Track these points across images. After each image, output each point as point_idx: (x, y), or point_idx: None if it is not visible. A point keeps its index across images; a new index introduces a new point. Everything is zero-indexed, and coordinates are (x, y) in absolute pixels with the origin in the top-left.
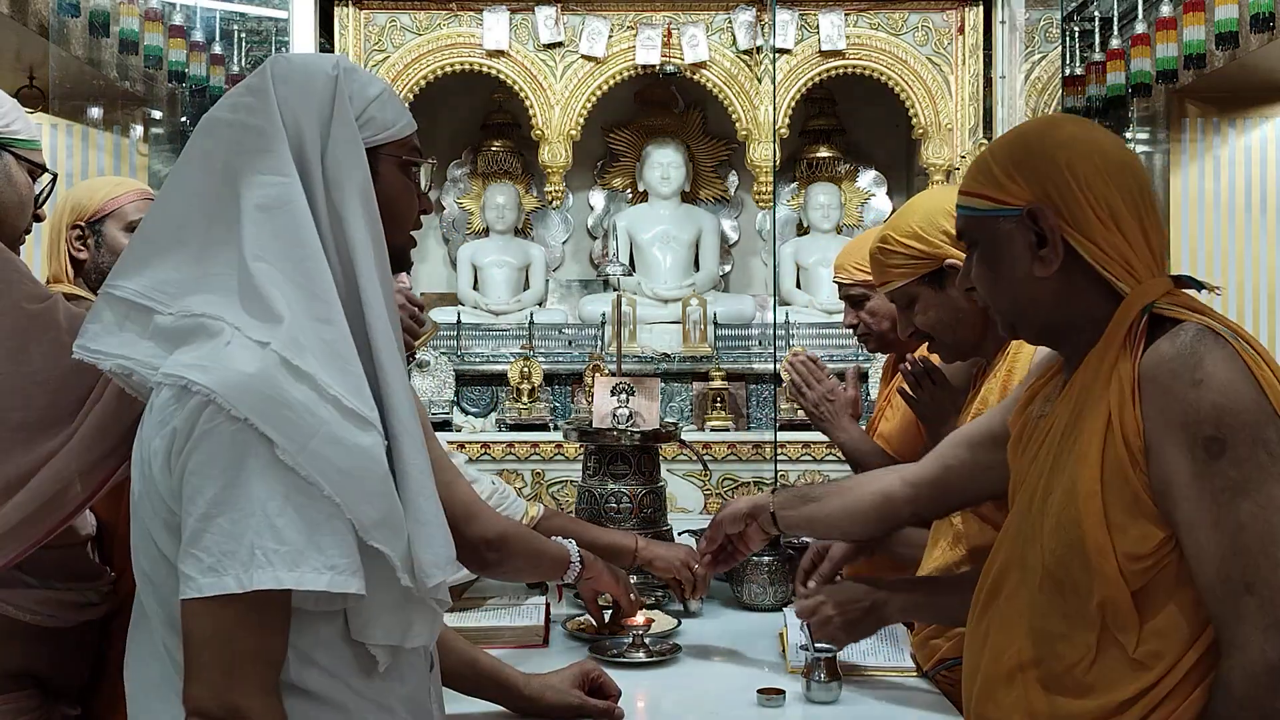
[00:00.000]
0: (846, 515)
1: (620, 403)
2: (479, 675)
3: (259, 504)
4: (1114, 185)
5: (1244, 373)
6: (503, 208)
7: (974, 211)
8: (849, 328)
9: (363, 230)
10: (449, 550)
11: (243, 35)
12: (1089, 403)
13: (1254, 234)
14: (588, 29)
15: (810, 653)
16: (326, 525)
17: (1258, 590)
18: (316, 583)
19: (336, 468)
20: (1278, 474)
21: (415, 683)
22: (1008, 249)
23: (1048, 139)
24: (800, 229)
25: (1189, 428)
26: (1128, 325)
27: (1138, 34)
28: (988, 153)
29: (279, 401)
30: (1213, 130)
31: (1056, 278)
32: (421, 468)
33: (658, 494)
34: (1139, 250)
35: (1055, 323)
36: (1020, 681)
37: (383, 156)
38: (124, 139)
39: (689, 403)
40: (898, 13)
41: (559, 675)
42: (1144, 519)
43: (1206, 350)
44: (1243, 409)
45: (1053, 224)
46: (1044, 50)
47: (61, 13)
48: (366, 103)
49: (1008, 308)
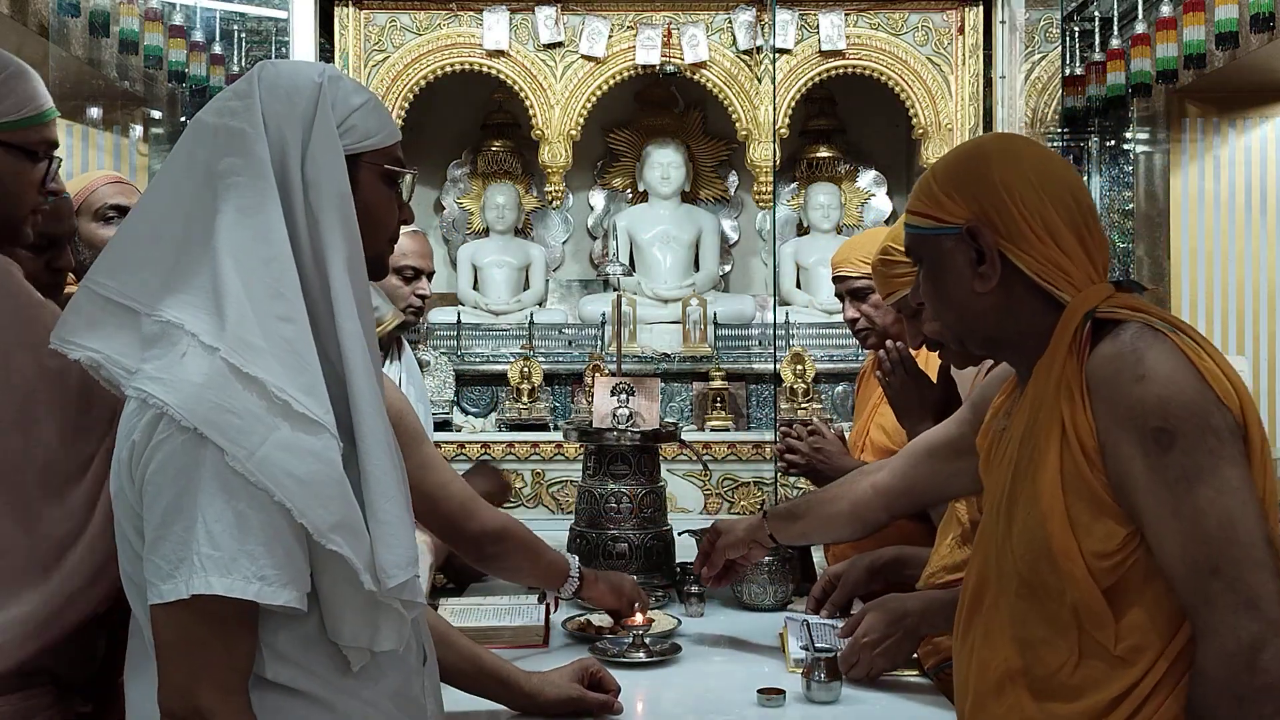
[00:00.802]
0: (830, 527)
1: (620, 403)
2: (481, 673)
3: (202, 510)
4: (1048, 200)
5: (1185, 365)
6: (503, 208)
7: (918, 230)
8: (849, 323)
9: (337, 235)
10: (410, 551)
11: (243, 35)
12: (1042, 410)
13: (1254, 234)
14: (588, 29)
15: (810, 653)
16: (264, 533)
17: (1223, 573)
18: (245, 591)
19: (287, 472)
20: (1228, 457)
21: (401, 678)
22: (950, 266)
23: (983, 158)
24: (800, 229)
25: (1137, 422)
26: (1072, 332)
27: (1138, 34)
28: (930, 172)
29: (227, 409)
30: (1213, 130)
31: (997, 292)
32: (384, 468)
33: (658, 494)
34: (1078, 261)
35: (1000, 336)
36: (1010, 691)
37: (363, 165)
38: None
39: (689, 403)
40: (898, 13)
41: (559, 671)
42: (1106, 517)
43: (1147, 346)
44: (1187, 399)
45: (990, 241)
46: (1044, 50)
47: (61, 13)
48: (349, 111)
49: (953, 322)
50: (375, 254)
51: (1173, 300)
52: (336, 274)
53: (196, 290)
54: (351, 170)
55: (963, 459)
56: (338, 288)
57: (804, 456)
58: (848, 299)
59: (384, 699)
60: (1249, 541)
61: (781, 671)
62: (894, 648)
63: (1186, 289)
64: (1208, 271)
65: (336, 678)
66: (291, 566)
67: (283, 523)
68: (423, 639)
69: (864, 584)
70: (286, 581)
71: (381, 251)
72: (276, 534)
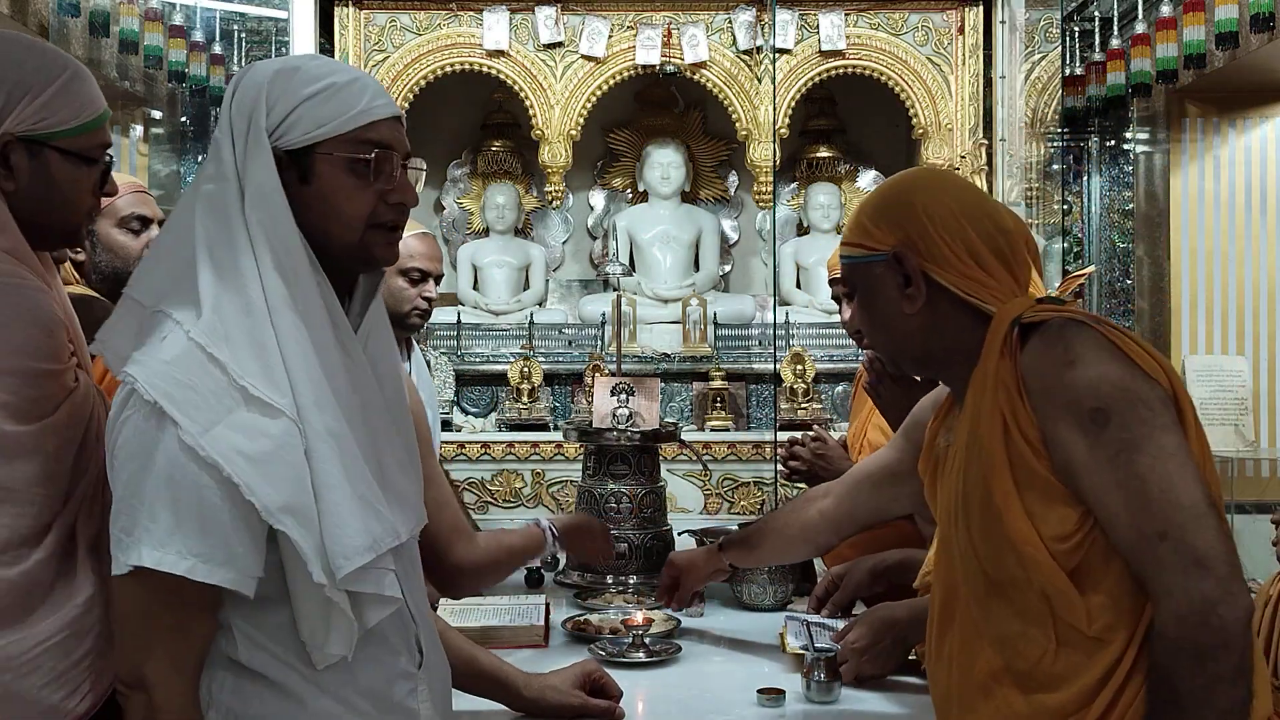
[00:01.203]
0: (785, 551)
1: (620, 403)
2: (479, 675)
3: (151, 485)
4: (969, 225)
5: (1110, 348)
6: (503, 208)
7: (850, 259)
8: (846, 324)
9: (261, 232)
10: (364, 538)
11: (242, 35)
12: (983, 414)
13: (1254, 234)
14: (588, 29)
15: (810, 653)
16: (206, 511)
17: (1170, 536)
18: (176, 566)
19: (238, 450)
20: (1162, 425)
21: (383, 680)
22: (880, 291)
23: (906, 189)
24: (800, 229)
25: (1073, 406)
26: (1002, 337)
27: (1138, 34)
28: (860, 206)
29: (187, 386)
30: (1213, 130)
31: (924, 312)
32: (328, 459)
33: (658, 494)
34: (1000, 279)
35: (931, 353)
36: (997, 691)
37: (317, 156)
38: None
39: (689, 403)
40: (898, 13)
41: (560, 676)
42: (1058, 503)
43: (1073, 335)
44: (1116, 377)
45: (914, 264)
46: (1044, 50)
47: (61, 13)
48: (295, 103)
49: (886, 344)
50: (341, 245)
51: (1173, 300)
52: (265, 270)
53: (187, 287)
54: (305, 162)
55: (901, 484)
56: (268, 284)
57: (805, 462)
58: (845, 300)
59: (356, 695)
60: (1191, 503)
61: (781, 671)
62: (882, 654)
63: (1186, 289)
64: (1208, 271)
65: (309, 671)
66: (232, 547)
67: (228, 502)
68: (421, 641)
69: (866, 586)
70: (223, 561)
71: (351, 241)
72: (219, 513)
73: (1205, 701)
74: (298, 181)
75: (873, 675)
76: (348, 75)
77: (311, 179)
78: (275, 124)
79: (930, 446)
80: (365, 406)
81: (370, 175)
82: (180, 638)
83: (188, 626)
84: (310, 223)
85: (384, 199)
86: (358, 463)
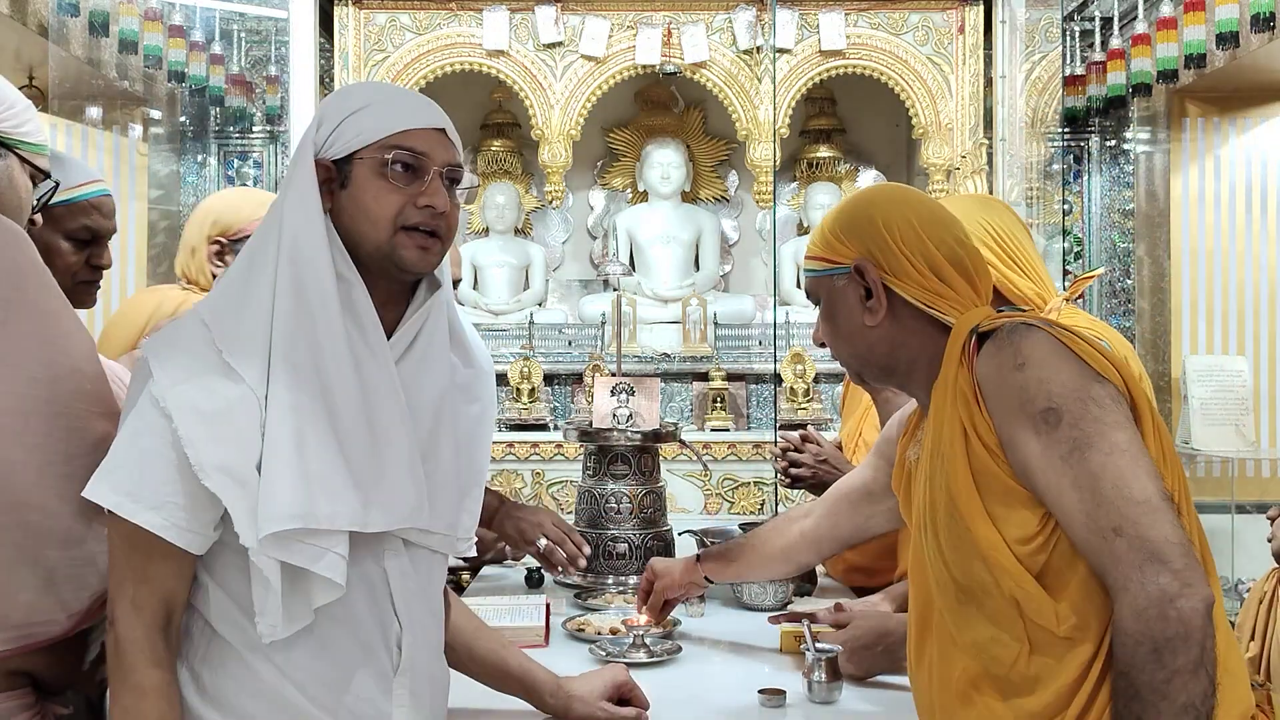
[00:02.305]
0: (764, 568)
1: (620, 403)
2: (507, 675)
3: (124, 427)
4: (928, 238)
5: (1059, 348)
6: (503, 207)
7: (814, 272)
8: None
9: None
10: (293, 507)
11: (242, 35)
12: (944, 422)
13: (1254, 234)
14: (588, 29)
15: (810, 653)
16: (150, 457)
17: (1125, 531)
18: (106, 500)
19: (194, 406)
20: (1113, 422)
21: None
22: (842, 303)
23: (869, 204)
24: (800, 229)
25: (1025, 407)
26: (960, 347)
27: (1138, 34)
28: (825, 219)
29: (172, 345)
30: (1213, 130)
31: (886, 324)
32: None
33: (658, 494)
34: (961, 291)
35: (893, 364)
36: (977, 698)
37: (356, 162)
38: (123, 139)
39: (689, 403)
40: (898, 12)
41: (588, 684)
42: (1019, 506)
43: (1021, 338)
44: (1065, 377)
45: (874, 277)
46: (1044, 50)
47: (61, 13)
48: (343, 116)
49: (848, 355)
50: (373, 246)
51: (1173, 300)
52: (282, 257)
53: None
54: (346, 169)
55: (877, 502)
56: (281, 269)
57: (809, 468)
58: None
59: (313, 683)
60: (1144, 497)
61: (781, 671)
62: (868, 660)
63: (1187, 289)
64: (1208, 271)
65: (263, 644)
66: (165, 495)
67: (174, 452)
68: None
69: None
70: (152, 505)
71: (380, 243)
72: (161, 460)
73: (1165, 694)
74: (339, 187)
75: (854, 676)
76: (393, 92)
77: (349, 183)
78: (325, 138)
79: (901, 461)
80: (370, 400)
81: (399, 179)
82: (141, 580)
83: (146, 571)
84: (344, 225)
85: (413, 202)
86: (323, 442)
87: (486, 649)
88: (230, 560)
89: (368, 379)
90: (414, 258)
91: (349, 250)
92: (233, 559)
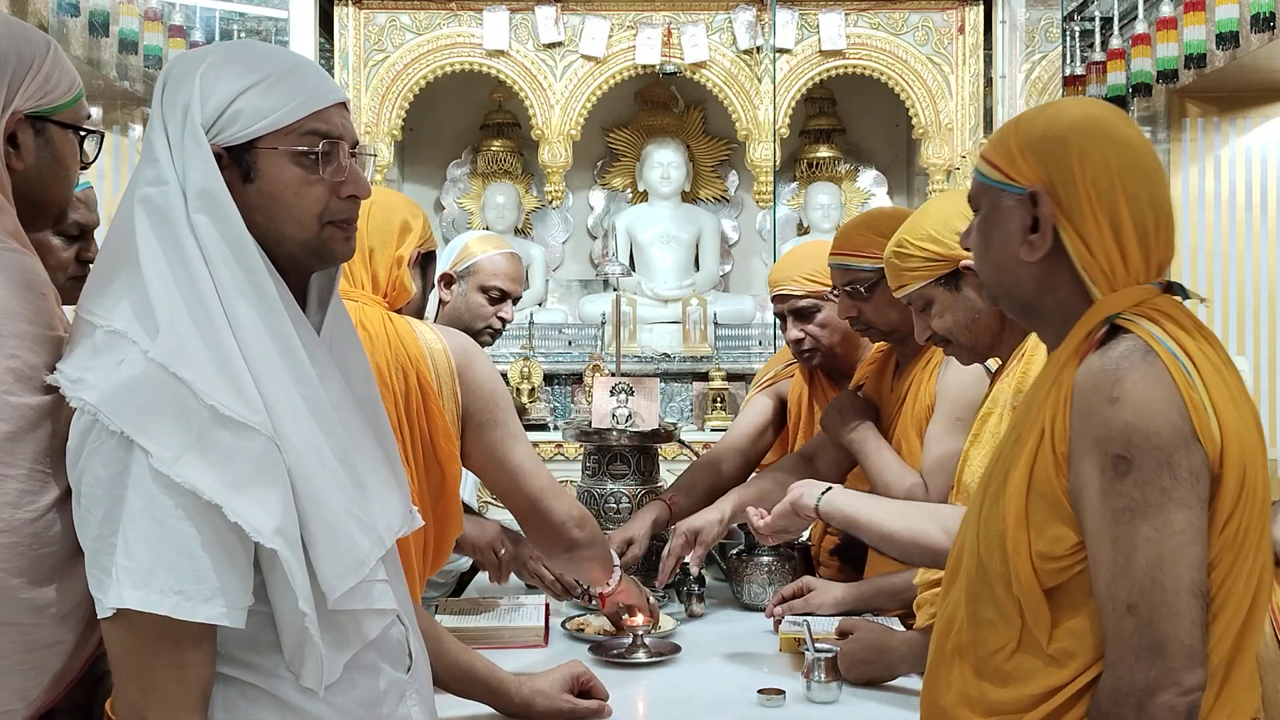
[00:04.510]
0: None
1: (619, 403)
2: (473, 679)
3: (124, 519)
4: (1121, 188)
5: (1167, 393)
6: (502, 207)
7: (983, 179)
8: (794, 344)
9: (212, 233)
10: (351, 557)
11: (242, 35)
12: (1036, 403)
13: (1254, 234)
14: (588, 29)
15: (810, 653)
16: (185, 543)
17: (1138, 612)
18: (160, 606)
19: (216, 475)
20: (1179, 500)
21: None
22: (1002, 225)
23: (1068, 124)
24: (800, 229)
25: (1101, 444)
26: (1085, 333)
27: (1138, 34)
28: (1014, 123)
29: (153, 411)
30: (1213, 130)
31: (1041, 265)
32: (311, 476)
33: (657, 494)
34: (1131, 259)
35: (1036, 306)
36: (958, 665)
37: (260, 150)
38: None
39: (689, 403)
40: (898, 12)
41: (549, 679)
42: (1061, 522)
43: (1131, 368)
44: (1154, 430)
45: (1048, 212)
46: (1044, 50)
47: (61, 13)
48: (230, 98)
49: (991, 279)
50: (297, 245)
51: None
52: (220, 278)
53: (138, 302)
54: (246, 159)
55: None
56: (225, 293)
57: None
58: (790, 319)
59: (356, 707)
60: (1173, 588)
61: (781, 671)
62: (866, 673)
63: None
64: (1208, 271)
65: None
66: (218, 578)
67: (209, 530)
68: (410, 645)
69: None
70: (210, 595)
71: (305, 241)
72: (199, 543)
73: None
74: (240, 180)
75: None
76: (287, 62)
77: (255, 176)
78: (212, 118)
79: None
80: (339, 410)
81: (319, 168)
82: (179, 675)
83: (185, 663)
84: (258, 224)
85: (336, 193)
86: (338, 475)
87: (454, 654)
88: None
89: (328, 387)
90: (344, 250)
91: (264, 251)
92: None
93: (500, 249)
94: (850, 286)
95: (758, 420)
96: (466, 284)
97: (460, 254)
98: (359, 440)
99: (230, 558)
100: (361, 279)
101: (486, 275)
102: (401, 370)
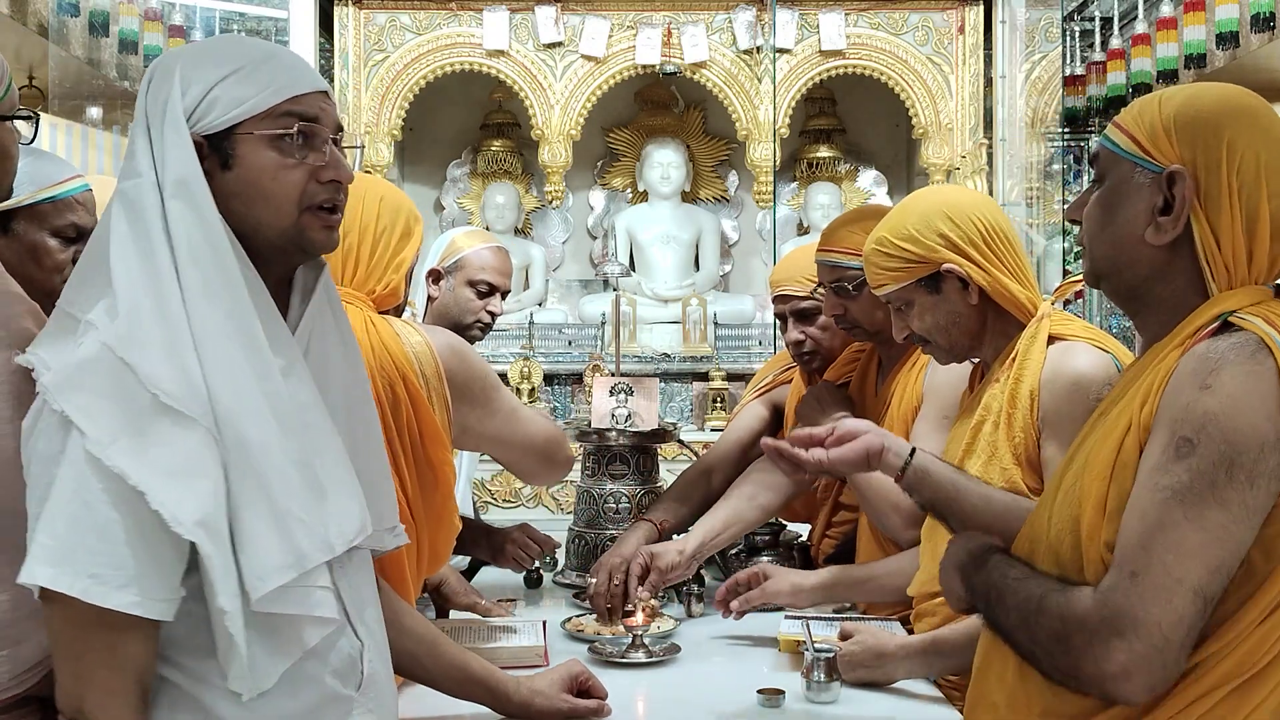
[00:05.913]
0: None
1: (619, 403)
2: (469, 680)
3: (53, 498)
4: (1265, 182)
5: (1263, 394)
6: (502, 207)
7: (1117, 149)
8: (793, 345)
9: (181, 224)
10: (281, 557)
11: (242, 35)
12: (1129, 390)
13: None
14: (588, 29)
15: (810, 653)
16: (108, 527)
17: (1139, 581)
18: (71, 587)
19: (149, 463)
20: (1223, 500)
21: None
22: (1130, 201)
23: (1219, 107)
24: (800, 229)
25: (1175, 424)
26: (1195, 328)
27: (1138, 34)
28: (1160, 97)
29: (95, 393)
30: None
31: (1163, 250)
32: (247, 472)
33: (656, 494)
34: (1257, 258)
35: (1144, 294)
36: (1014, 662)
37: (238, 136)
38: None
39: (689, 403)
40: (898, 12)
41: (546, 679)
42: None
43: (1235, 360)
44: (1233, 427)
45: (1186, 195)
46: (1044, 50)
47: (61, 13)
48: (208, 86)
49: (1103, 257)
50: (275, 233)
51: None
52: (184, 266)
53: (104, 288)
54: (225, 146)
55: None
56: (186, 281)
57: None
58: (792, 320)
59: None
60: (1178, 578)
61: (781, 671)
62: (862, 675)
63: None
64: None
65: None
66: (136, 566)
67: (134, 517)
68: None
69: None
70: (124, 583)
71: (284, 227)
72: (122, 529)
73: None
74: (219, 168)
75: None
76: (266, 51)
77: (233, 163)
78: (191, 107)
79: None
80: (302, 409)
81: (296, 151)
82: (110, 661)
83: (117, 647)
84: (236, 211)
85: (315, 178)
86: (283, 474)
87: (449, 655)
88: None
89: (292, 384)
90: (323, 240)
91: (240, 240)
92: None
93: (487, 243)
94: (837, 284)
95: (753, 426)
96: (454, 279)
97: (447, 249)
98: (325, 443)
99: (150, 547)
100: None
101: (474, 269)
102: (387, 378)
